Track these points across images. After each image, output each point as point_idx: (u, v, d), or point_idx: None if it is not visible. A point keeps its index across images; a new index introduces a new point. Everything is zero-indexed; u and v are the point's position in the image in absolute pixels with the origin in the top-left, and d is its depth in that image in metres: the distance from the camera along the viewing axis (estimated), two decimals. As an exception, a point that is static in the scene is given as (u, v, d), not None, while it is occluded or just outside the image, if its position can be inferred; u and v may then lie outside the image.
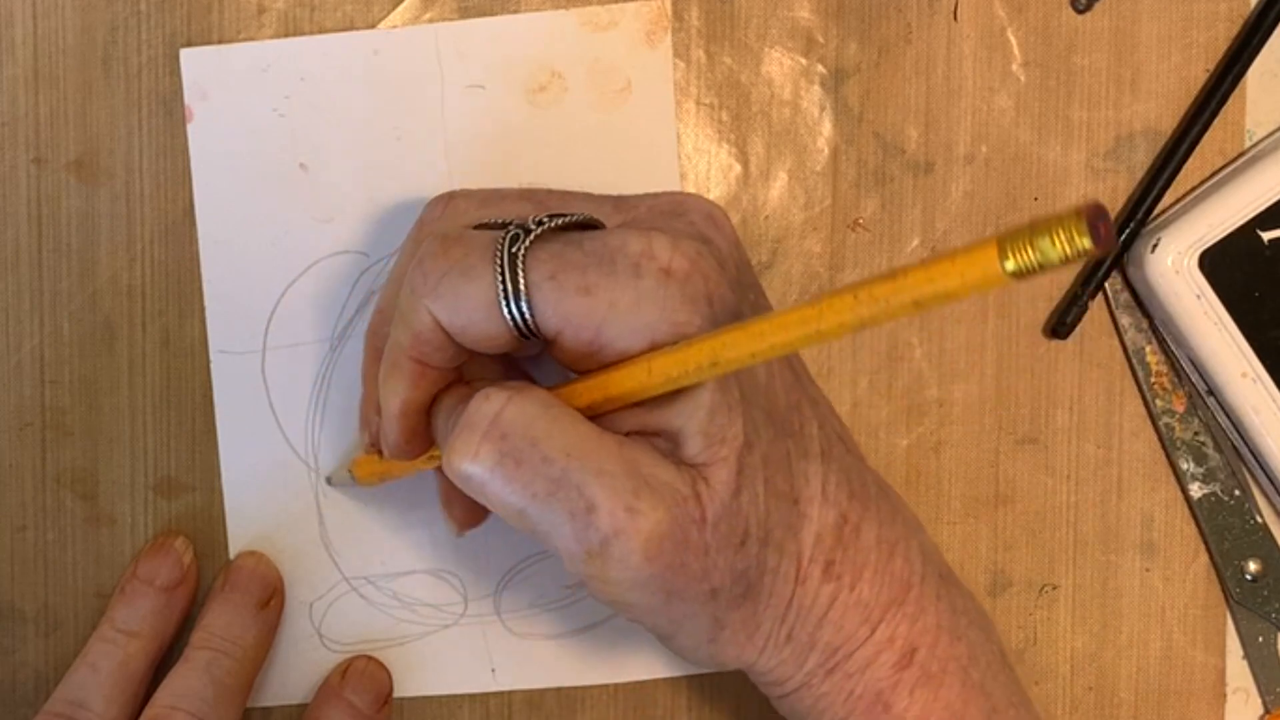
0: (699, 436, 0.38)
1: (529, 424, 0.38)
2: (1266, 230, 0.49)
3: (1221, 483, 0.51)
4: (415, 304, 0.39)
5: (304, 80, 0.49)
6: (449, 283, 0.39)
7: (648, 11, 0.49)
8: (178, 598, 0.48)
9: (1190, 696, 0.51)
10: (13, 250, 0.49)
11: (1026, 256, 0.30)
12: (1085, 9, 0.50)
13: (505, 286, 0.38)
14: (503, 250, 0.38)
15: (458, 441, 0.38)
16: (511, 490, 0.38)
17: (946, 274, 0.31)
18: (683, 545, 0.38)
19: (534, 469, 0.38)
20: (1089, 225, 0.29)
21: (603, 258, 0.38)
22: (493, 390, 0.38)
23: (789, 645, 0.42)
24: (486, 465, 0.38)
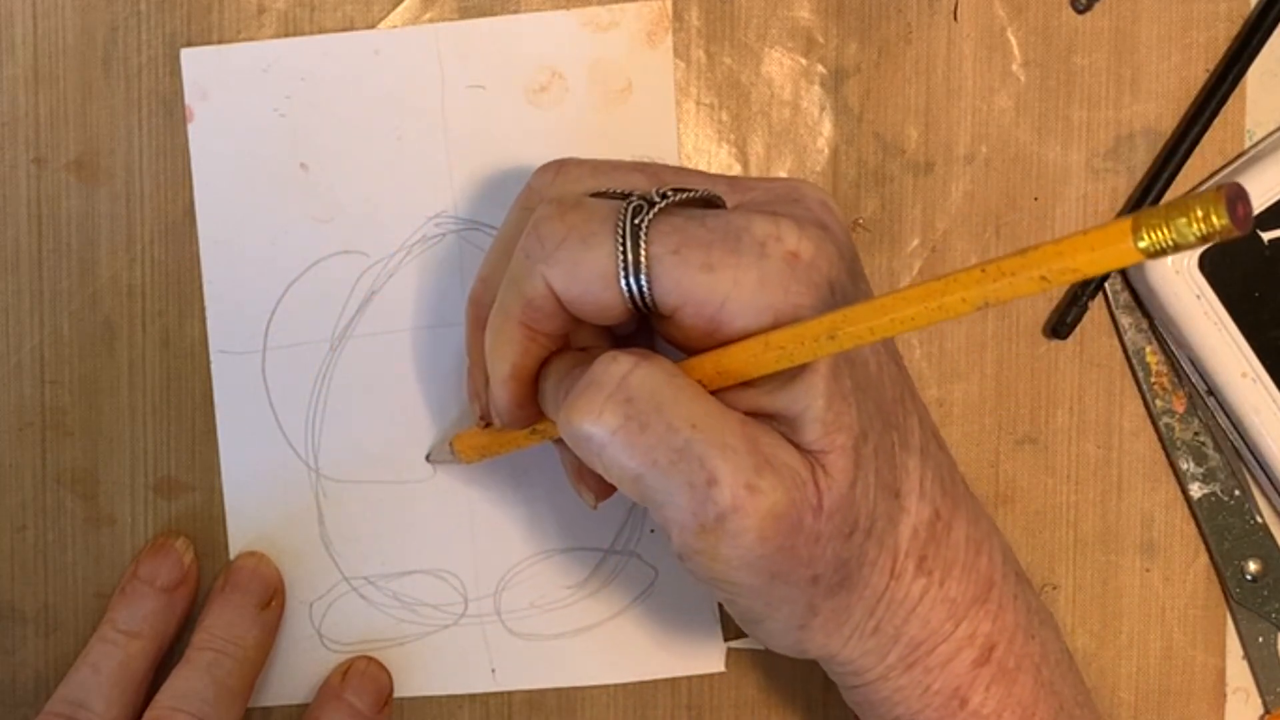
0: (817, 424, 0.38)
1: (656, 389, 0.37)
2: (1266, 230, 0.49)
3: (1221, 483, 0.51)
4: (530, 269, 0.39)
5: (305, 80, 0.49)
6: (567, 249, 0.38)
7: (649, 12, 0.49)
8: (179, 598, 0.48)
9: (1190, 696, 0.51)
10: (13, 250, 0.49)
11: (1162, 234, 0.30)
12: (1085, 9, 0.50)
13: (626, 257, 0.38)
14: (625, 220, 0.38)
15: (581, 400, 0.37)
16: (632, 455, 0.37)
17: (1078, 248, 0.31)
18: (796, 529, 0.38)
19: (658, 435, 0.37)
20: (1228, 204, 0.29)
21: (728, 235, 0.38)
22: (620, 353, 0.38)
23: (874, 637, 0.42)
24: (610, 427, 0.37)
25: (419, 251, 0.49)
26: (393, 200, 0.49)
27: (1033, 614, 0.44)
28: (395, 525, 0.50)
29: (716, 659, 0.50)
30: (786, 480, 0.38)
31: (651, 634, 0.50)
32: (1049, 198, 0.50)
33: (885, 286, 0.50)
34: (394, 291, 0.49)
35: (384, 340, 0.49)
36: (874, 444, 0.40)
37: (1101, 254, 0.31)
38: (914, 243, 0.50)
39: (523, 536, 0.50)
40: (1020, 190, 0.50)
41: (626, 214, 0.38)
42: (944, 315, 0.34)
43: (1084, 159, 0.50)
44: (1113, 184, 0.50)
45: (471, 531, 0.50)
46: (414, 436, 0.50)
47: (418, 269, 0.49)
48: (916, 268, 0.50)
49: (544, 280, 0.39)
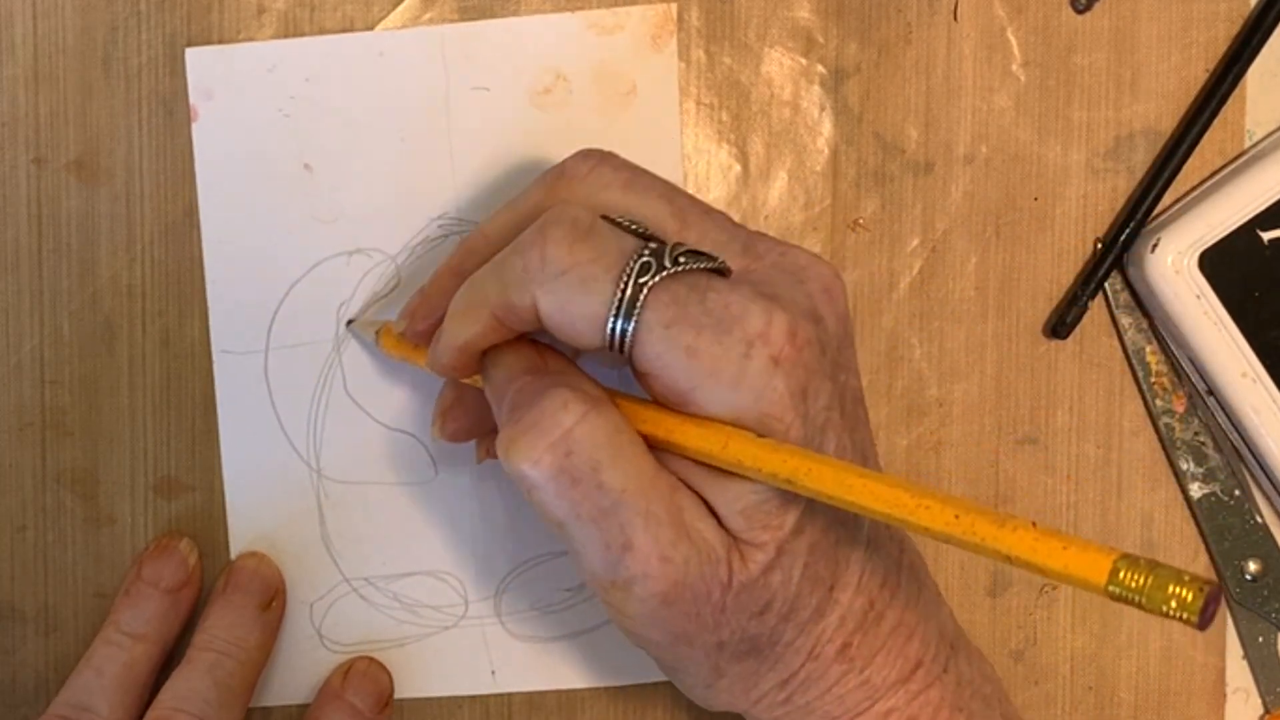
0: (739, 517, 0.39)
1: (596, 447, 0.38)
2: (1266, 230, 0.49)
3: (1221, 483, 0.51)
4: (524, 283, 0.39)
5: (309, 81, 0.49)
6: (565, 284, 0.39)
7: (654, 15, 0.49)
8: (182, 600, 0.49)
9: (1190, 696, 0.51)
10: (13, 250, 0.49)
11: (1133, 587, 0.31)
12: (1085, 9, 0.50)
13: (618, 314, 0.38)
14: (629, 277, 0.38)
15: (523, 440, 0.38)
16: (559, 505, 0.39)
17: (1051, 554, 0.32)
18: (703, 599, 0.39)
19: (586, 493, 0.38)
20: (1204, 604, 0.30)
21: (720, 323, 0.38)
22: (571, 399, 0.38)
23: (784, 706, 0.43)
24: (545, 474, 0.38)
25: (422, 252, 0.49)
26: (396, 201, 0.49)
27: (963, 686, 0.44)
28: (396, 526, 0.50)
29: None
30: (701, 554, 0.39)
31: None
32: (1049, 198, 0.50)
33: (886, 287, 0.50)
34: (397, 293, 0.49)
35: (387, 341, 0.49)
36: (811, 540, 0.40)
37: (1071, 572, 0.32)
38: (914, 243, 0.50)
39: (524, 539, 0.50)
40: (1020, 190, 0.50)
41: (634, 270, 0.38)
42: (904, 527, 0.35)
43: (1084, 159, 0.50)
44: (1113, 184, 0.50)
45: (472, 533, 0.50)
46: (416, 438, 0.50)
47: (421, 270, 0.49)
48: (916, 268, 0.50)
49: (533, 300, 0.39)
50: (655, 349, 0.38)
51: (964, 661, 0.45)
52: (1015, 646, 0.51)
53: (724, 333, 0.38)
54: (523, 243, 0.40)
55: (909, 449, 0.51)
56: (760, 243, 0.42)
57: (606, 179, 0.42)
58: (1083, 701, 0.51)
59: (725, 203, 0.50)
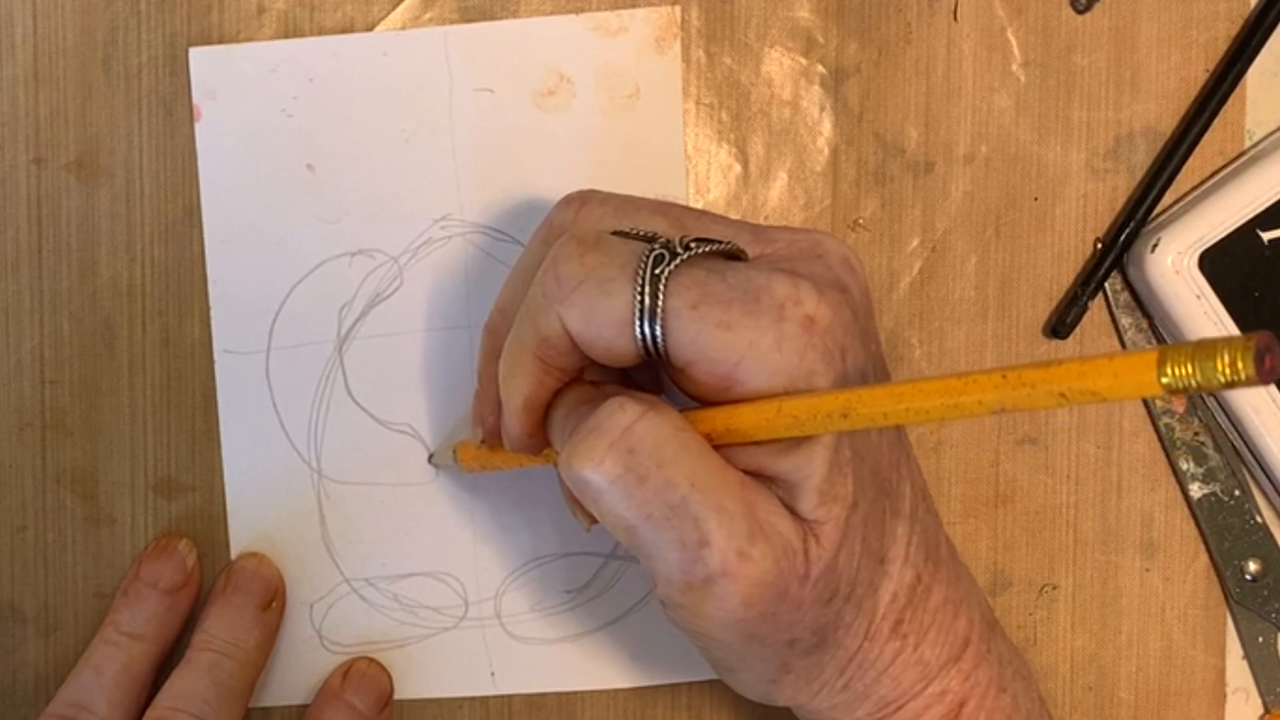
0: (815, 493, 0.39)
1: (659, 444, 0.38)
2: (1266, 230, 0.49)
3: (1221, 483, 0.51)
4: (546, 308, 0.39)
5: (312, 81, 0.49)
6: (584, 293, 0.39)
7: (658, 18, 0.49)
8: (181, 600, 0.49)
9: (1190, 696, 0.51)
10: (13, 250, 0.49)
11: (1186, 373, 0.30)
12: (1085, 9, 0.50)
13: (643, 307, 0.38)
14: (645, 269, 0.38)
15: (583, 445, 0.38)
16: (628, 506, 0.38)
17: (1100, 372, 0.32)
18: (781, 597, 0.39)
19: (655, 490, 0.37)
20: (1256, 354, 0.29)
21: (748, 294, 0.38)
22: (628, 401, 0.38)
23: (844, 693, 0.43)
24: (609, 476, 0.38)
25: (425, 254, 0.49)
26: (399, 202, 0.49)
27: (1005, 666, 0.44)
28: (397, 527, 0.50)
29: None
30: (778, 549, 0.38)
31: (651, 639, 0.51)
32: (1049, 198, 0.51)
33: (886, 287, 0.50)
34: (399, 294, 0.49)
35: (388, 342, 0.50)
36: (865, 512, 0.40)
37: (1124, 381, 0.31)
38: (914, 243, 0.50)
39: (524, 541, 0.50)
40: (1020, 190, 0.50)
41: (648, 263, 0.38)
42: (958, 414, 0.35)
43: (1084, 159, 0.50)
44: (1113, 184, 0.51)
45: (473, 535, 0.50)
46: (417, 439, 0.50)
47: (423, 271, 0.49)
48: (917, 268, 0.50)
49: (560, 320, 0.39)
50: (688, 333, 0.38)
51: (1002, 641, 0.45)
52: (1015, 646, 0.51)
53: (754, 301, 0.38)
54: (537, 277, 0.40)
55: (909, 449, 0.51)
56: (770, 230, 0.42)
57: (596, 212, 0.43)
58: (1083, 701, 0.52)
59: (725, 203, 0.50)
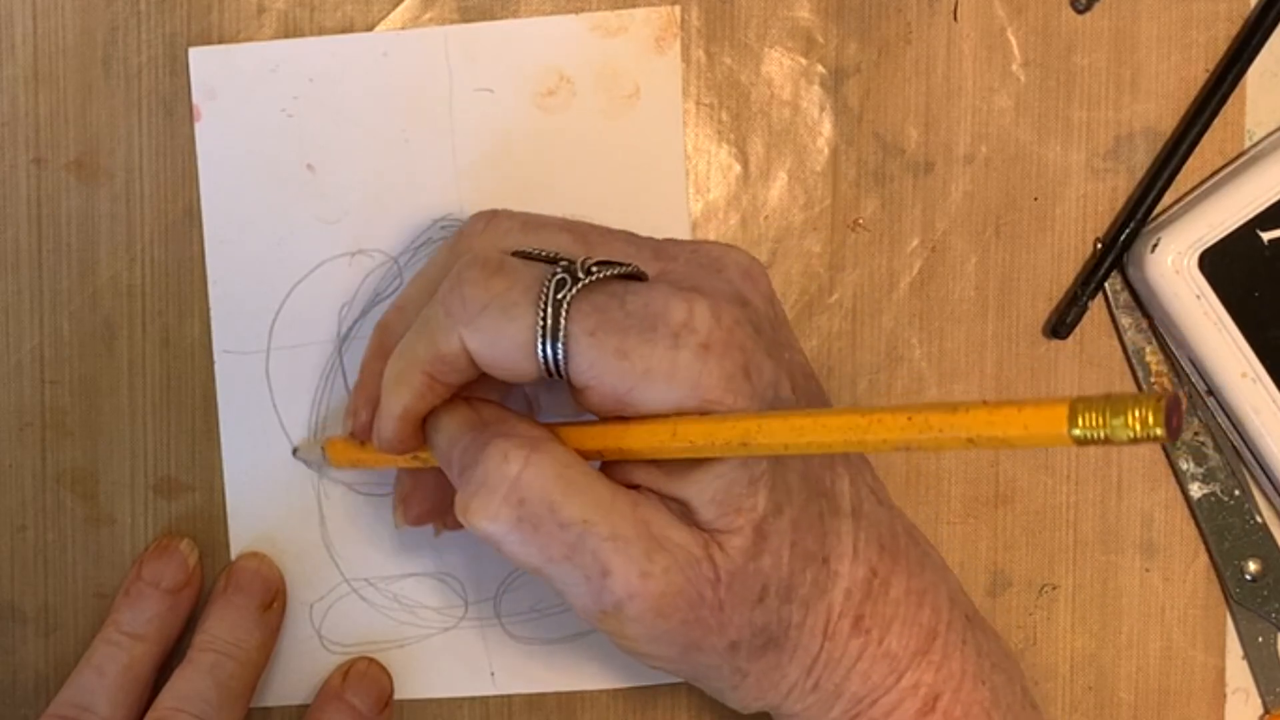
0: (711, 506, 0.40)
1: (546, 487, 0.39)
2: (1266, 230, 0.49)
3: (1221, 483, 0.51)
4: (449, 328, 0.40)
5: (312, 81, 0.49)
6: (489, 317, 0.39)
7: (657, 18, 0.49)
8: (183, 600, 0.49)
9: (1190, 696, 0.51)
10: (13, 250, 0.49)
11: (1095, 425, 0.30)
12: (1085, 9, 0.50)
13: (545, 331, 0.39)
14: (548, 294, 0.39)
15: (475, 501, 0.39)
16: (529, 552, 0.39)
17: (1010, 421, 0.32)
18: (696, 602, 0.40)
19: (550, 534, 0.39)
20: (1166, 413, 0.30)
21: (643, 321, 0.39)
22: (511, 449, 0.39)
23: (815, 694, 0.43)
24: (504, 527, 0.39)
25: (425, 254, 0.49)
26: (399, 202, 0.49)
27: (983, 658, 0.45)
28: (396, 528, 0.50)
29: None
30: (679, 559, 0.39)
31: None
32: (1049, 198, 0.51)
33: (886, 287, 0.50)
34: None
35: (389, 342, 0.50)
36: (791, 517, 0.41)
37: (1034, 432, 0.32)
38: (914, 243, 0.51)
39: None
40: (1020, 190, 0.51)
41: (550, 288, 0.39)
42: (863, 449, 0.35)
43: (1084, 159, 0.51)
44: (1113, 184, 0.51)
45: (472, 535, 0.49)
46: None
47: None
48: (916, 267, 0.50)
49: (460, 341, 0.40)
50: (586, 359, 0.39)
51: (981, 636, 0.45)
52: (1015, 646, 0.51)
53: (649, 329, 0.39)
54: (440, 294, 0.41)
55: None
56: (670, 245, 0.43)
57: (504, 226, 0.44)
58: (1083, 701, 0.52)
59: (725, 203, 0.50)
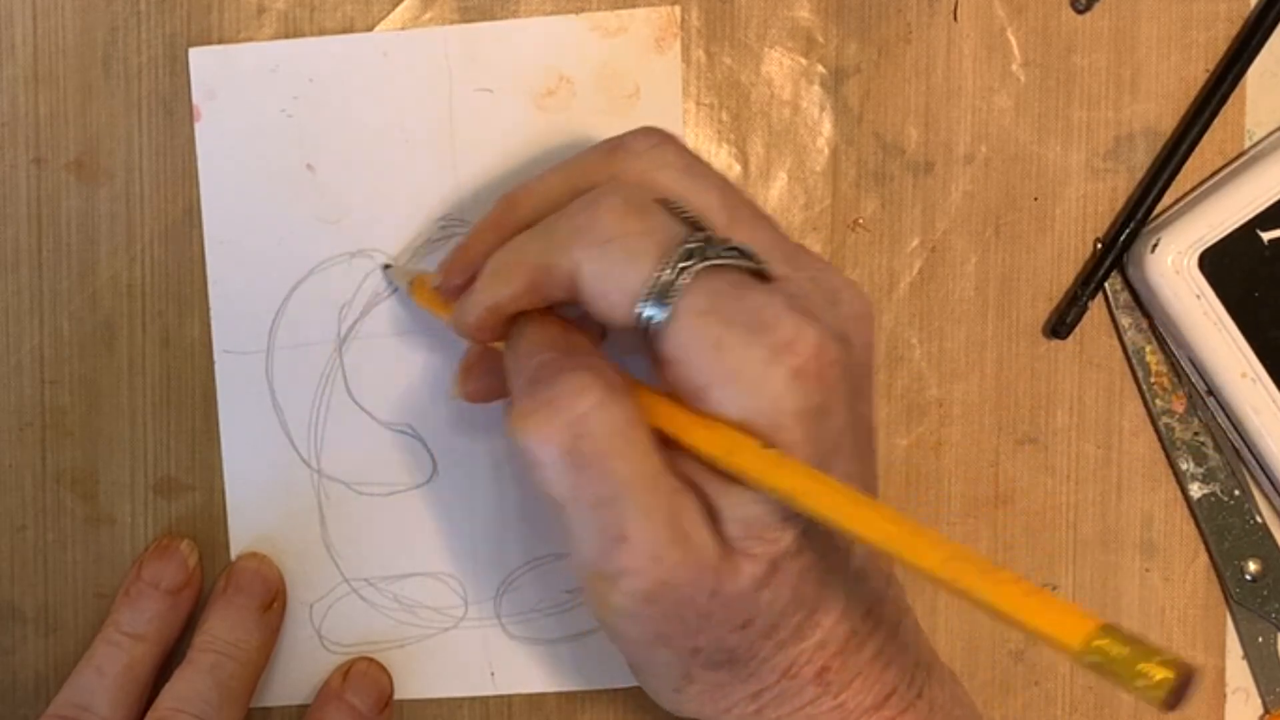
0: (739, 524, 0.39)
1: (607, 436, 0.38)
2: (1266, 230, 0.49)
3: (1221, 483, 0.51)
4: (568, 246, 0.40)
5: (312, 81, 0.49)
6: (611, 252, 0.39)
7: (658, 18, 0.49)
8: (183, 600, 0.49)
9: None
10: (13, 250, 0.49)
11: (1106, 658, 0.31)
12: (1085, 9, 0.50)
13: (654, 292, 0.39)
14: (674, 257, 0.39)
15: (536, 416, 0.38)
16: (561, 485, 0.39)
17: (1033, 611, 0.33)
18: (686, 603, 0.40)
19: (590, 479, 0.38)
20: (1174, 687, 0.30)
21: (751, 324, 0.38)
22: (590, 385, 0.38)
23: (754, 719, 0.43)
24: (551, 454, 0.38)
25: (425, 254, 0.50)
26: (399, 202, 0.49)
27: (935, 712, 0.44)
28: (397, 527, 0.50)
29: None
30: (691, 559, 0.39)
31: None
32: (1049, 198, 0.51)
33: (886, 287, 0.51)
34: (399, 294, 0.49)
35: (389, 343, 0.50)
36: (804, 563, 0.40)
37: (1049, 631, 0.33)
38: (914, 242, 0.51)
39: (524, 540, 0.51)
40: (1020, 190, 0.51)
41: (679, 252, 0.39)
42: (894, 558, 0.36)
43: (1084, 159, 0.51)
44: (1113, 184, 0.51)
45: (473, 535, 0.51)
46: (417, 440, 0.50)
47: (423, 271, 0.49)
48: (916, 267, 0.51)
49: (575, 263, 0.39)
50: (683, 336, 0.38)
51: (937, 686, 0.45)
52: (1015, 647, 0.52)
53: (753, 335, 0.38)
54: (573, 208, 0.40)
55: (909, 449, 0.51)
56: (802, 255, 0.42)
57: (667, 159, 0.42)
58: (1083, 701, 0.52)
59: (725, 203, 0.50)
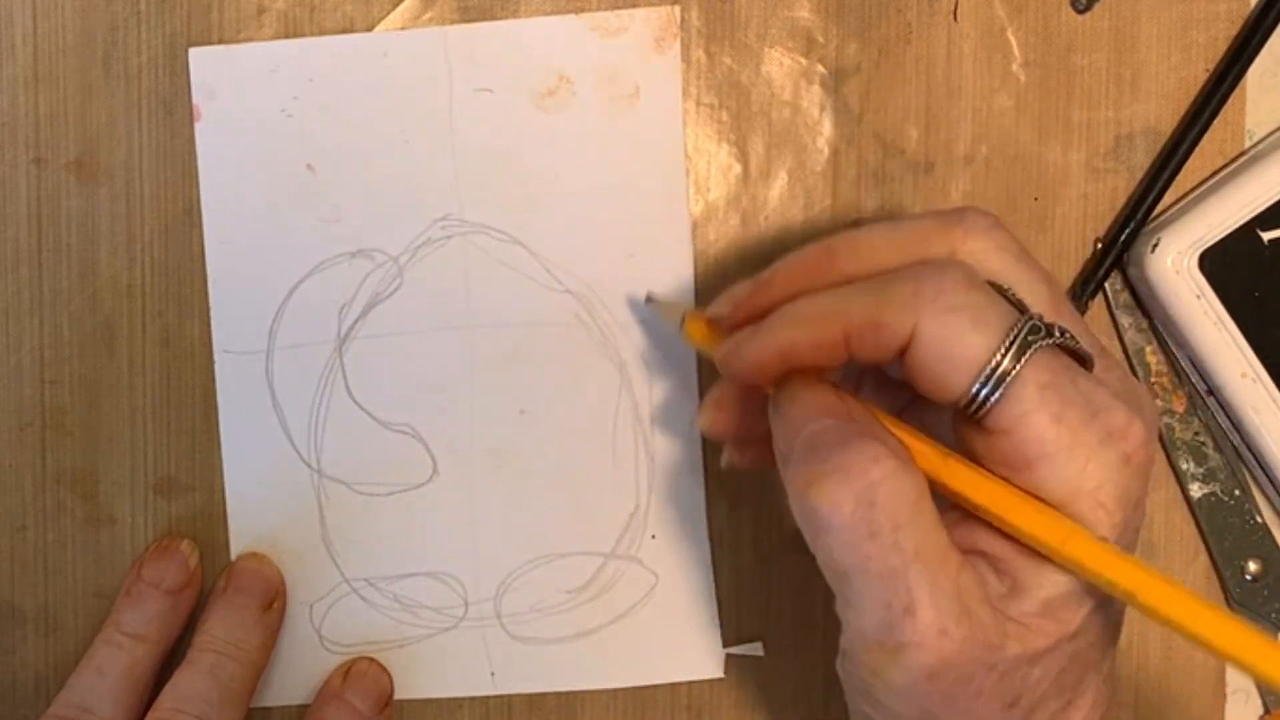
0: (1040, 604, 0.39)
1: (900, 506, 0.38)
2: (1266, 230, 0.49)
3: (1221, 483, 0.51)
4: (910, 306, 0.39)
5: (312, 81, 0.49)
6: (958, 317, 0.38)
7: (658, 18, 0.50)
8: (183, 601, 0.49)
9: (1190, 696, 0.52)
10: (13, 250, 0.50)
11: None
12: (1085, 9, 0.50)
13: (999, 364, 0.38)
14: (1019, 332, 0.38)
15: (828, 482, 0.38)
16: (850, 553, 0.38)
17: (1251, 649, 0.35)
18: (966, 680, 0.39)
19: (881, 548, 0.38)
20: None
21: (1088, 406, 0.38)
22: (884, 454, 0.38)
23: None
24: (843, 521, 0.38)
25: (425, 254, 0.50)
26: (399, 202, 0.50)
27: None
28: (396, 527, 0.51)
29: (716, 665, 0.51)
30: (977, 635, 0.38)
31: (651, 640, 0.51)
32: (1049, 198, 0.51)
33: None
34: (399, 294, 0.50)
35: (388, 342, 0.50)
36: (1079, 648, 0.40)
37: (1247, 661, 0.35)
38: (914, 243, 0.51)
39: (524, 540, 0.51)
40: (1020, 190, 0.51)
41: (1023, 328, 0.38)
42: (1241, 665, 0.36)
43: (1084, 159, 0.51)
44: (1113, 184, 0.51)
45: (473, 535, 0.51)
46: (417, 439, 0.51)
47: (423, 271, 0.50)
48: (917, 268, 0.51)
49: (914, 325, 0.39)
50: (1023, 407, 0.38)
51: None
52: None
53: (1090, 415, 0.38)
54: (916, 271, 0.40)
55: (909, 449, 0.51)
56: (1108, 356, 0.42)
57: (1003, 242, 0.42)
58: (1083, 701, 0.52)
59: (725, 203, 0.50)
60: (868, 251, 0.43)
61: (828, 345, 0.40)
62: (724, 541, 0.51)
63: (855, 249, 0.43)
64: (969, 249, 0.42)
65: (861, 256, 0.42)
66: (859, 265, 0.42)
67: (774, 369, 0.42)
